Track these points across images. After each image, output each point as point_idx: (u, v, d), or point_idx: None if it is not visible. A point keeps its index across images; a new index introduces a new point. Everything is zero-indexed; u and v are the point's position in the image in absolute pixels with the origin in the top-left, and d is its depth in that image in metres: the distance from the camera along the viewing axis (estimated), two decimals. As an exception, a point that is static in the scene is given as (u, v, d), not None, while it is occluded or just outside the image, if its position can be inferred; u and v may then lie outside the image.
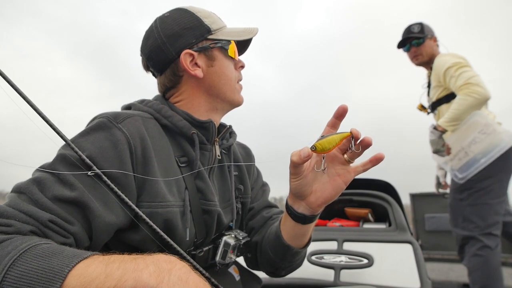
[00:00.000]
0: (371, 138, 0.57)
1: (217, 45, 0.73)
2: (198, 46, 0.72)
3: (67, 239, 0.49)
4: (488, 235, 1.68)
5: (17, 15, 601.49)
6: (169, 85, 0.75)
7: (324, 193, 0.62)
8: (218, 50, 0.74)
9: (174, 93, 0.76)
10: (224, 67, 0.75)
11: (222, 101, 0.76)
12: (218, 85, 0.74)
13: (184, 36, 0.71)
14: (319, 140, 0.55)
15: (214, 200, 0.71)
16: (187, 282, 0.36)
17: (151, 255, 0.41)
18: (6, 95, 0.48)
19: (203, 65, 0.73)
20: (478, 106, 1.68)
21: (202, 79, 0.73)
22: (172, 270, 0.37)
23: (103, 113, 0.62)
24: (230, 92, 0.76)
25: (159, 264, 0.37)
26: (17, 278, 0.37)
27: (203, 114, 0.75)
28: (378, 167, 0.61)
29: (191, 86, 0.74)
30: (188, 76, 0.73)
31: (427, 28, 1.95)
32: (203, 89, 0.74)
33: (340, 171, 0.62)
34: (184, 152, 0.70)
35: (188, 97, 0.74)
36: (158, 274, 0.36)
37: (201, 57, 0.73)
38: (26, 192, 0.49)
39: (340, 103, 0.59)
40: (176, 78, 0.74)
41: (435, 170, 2.23)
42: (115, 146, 0.57)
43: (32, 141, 11.91)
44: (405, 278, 1.16)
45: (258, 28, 0.80)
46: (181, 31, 0.71)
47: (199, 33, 0.72)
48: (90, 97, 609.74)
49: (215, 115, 0.77)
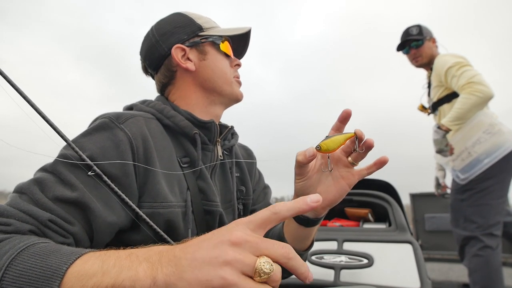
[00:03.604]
0: (373, 140, 0.57)
1: (208, 39, 0.75)
2: (190, 41, 0.75)
3: (67, 239, 0.49)
4: (489, 235, 1.68)
5: (26, 23, 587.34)
6: (164, 81, 0.77)
7: (328, 195, 0.62)
8: (210, 45, 0.76)
9: (171, 89, 0.77)
10: (217, 61, 0.76)
11: (219, 95, 0.77)
12: (212, 78, 0.75)
13: (176, 33, 0.75)
14: (324, 140, 0.56)
15: (216, 201, 0.70)
16: (180, 259, 0.36)
17: (143, 249, 0.40)
18: (7, 95, 0.48)
19: (195, 59, 0.75)
20: (481, 105, 1.68)
21: (196, 73, 0.75)
22: (162, 258, 0.37)
23: (105, 114, 0.62)
24: (226, 85, 0.76)
25: (150, 258, 0.37)
26: (16, 277, 0.37)
27: (203, 110, 0.75)
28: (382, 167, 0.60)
29: (186, 81, 0.75)
30: (181, 71, 0.75)
31: (426, 30, 1.95)
32: (198, 83, 0.75)
33: (344, 174, 0.62)
34: (186, 153, 0.70)
35: (185, 92, 0.75)
36: (152, 268, 0.36)
37: (192, 52, 0.75)
38: (27, 192, 0.49)
39: (340, 105, 0.60)
40: (170, 73, 0.76)
41: (434, 171, 2.23)
42: (117, 146, 0.57)
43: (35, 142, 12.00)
44: (405, 278, 1.16)
45: (252, 27, 0.81)
46: (173, 29, 0.75)
47: (190, 30, 0.75)
48: (96, 99, 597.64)
49: (215, 110, 0.78)
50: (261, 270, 0.34)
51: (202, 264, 0.34)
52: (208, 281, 0.33)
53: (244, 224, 0.37)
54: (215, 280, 0.33)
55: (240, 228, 0.36)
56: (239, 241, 0.35)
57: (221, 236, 0.36)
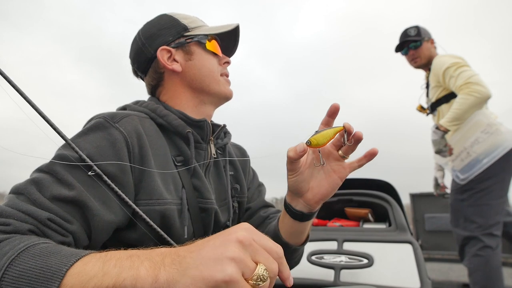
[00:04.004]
0: (361, 132, 0.58)
1: (193, 39, 0.75)
2: (175, 42, 0.75)
3: (66, 238, 0.50)
4: (489, 235, 1.68)
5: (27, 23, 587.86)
6: (153, 83, 0.78)
7: (321, 189, 0.63)
8: (196, 45, 0.76)
9: (162, 91, 0.78)
10: (204, 60, 0.76)
11: (207, 94, 0.77)
12: (199, 78, 0.75)
13: (161, 35, 0.75)
14: (314, 135, 0.56)
15: (210, 198, 0.71)
16: (184, 257, 0.36)
17: (145, 250, 0.41)
18: (6, 94, 0.48)
19: (181, 60, 0.75)
20: (479, 105, 1.68)
21: (182, 74, 0.75)
22: (164, 259, 0.37)
23: (100, 114, 0.63)
24: (214, 84, 0.76)
25: (152, 259, 0.38)
26: (16, 278, 0.37)
27: (193, 110, 0.76)
28: (378, 167, 0.62)
29: (174, 83, 0.76)
30: (169, 72, 0.76)
31: (424, 31, 1.96)
32: (185, 84, 0.76)
33: (335, 167, 0.63)
34: (180, 151, 0.71)
35: (174, 93, 0.76)
36: (154, 267, 0.36)
37: (178, 53, 0.76)
38: (25, 193, 0.49)
39: (340, 105, 0.60)
40: (158, 75, 0.77)
41: (433, 171, 2.23)
42: (112, 145, 0.58)
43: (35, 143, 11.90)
44: (405, 278, 1.16)
45: (239, 23, 0.80)
46: (158, 31, 0.75)
47: (175, 31, 0.76)
48: (96, 100, 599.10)
49: (205, 110, 0.78)
50: (262, 276, 0.35)
51: (207, 261, 0.35)
52: (212, 276, 0.33)
53: (248, 227, 0.39)
54: (218, 275, 0.33)
55: (245, 230, 0.38)
56: (245, 240, 0.36)
57: (227, 235, 0.37)
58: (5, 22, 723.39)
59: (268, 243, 0.39)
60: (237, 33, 0.83)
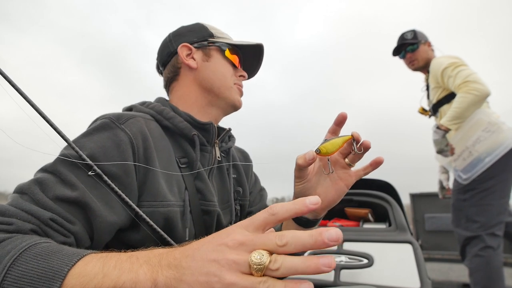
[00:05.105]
0: (369, 142, 0.59)
1: (214, 44, 0.79)
2: (198, 43, 0.79)
3: (68, 238, 0.50)
4: (491, 235, 1.68)
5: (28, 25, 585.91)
6: (169, 75, 0.81)
7: (327, 196, 0.63)
8: (216, 50, 0.79)
9: (175, 86, 0.80)
10: (219, 65, 0.78)
11: (216, 96, 0.78)
12: (211, 79, 0.77)
13: (187, 35, 0.80)
14: (323, 144, 0.57)
15: (213, 201, 0.71)
16: (180, 261, 0.36)
17: (144, 251, 0.41)
18: (8, 96, 0.49)
19: (198, 59, 0.78)
20: (479, 103, 1.69)
21: (197, 72, 0.77)
22: (161, 261, 0.37)
23: (105, 114, 0.63)
24: (224, 89, 0.78)
25: (150, 261, 0.38)
26: (18, 277, 0.37)
27: (201, 110, 0.77)
28: (378, 167, 0.63)
29: (188, 79, 0.78)
30: (185, 68, 0.78)
31: (420, 34, 1.99)
32: (197, 82, 0.78)
33: (342, 175, 0.63)
34: (185, 153, 0.71)
35: (185, 90, 0.78)
36: (152, 270, 0.37)
37: (198, 53, 0.79)
38: (28, 192, 0.50)
39: (340, 106, 0.61)
40: (175, 69, 0.79)
41: (436, 172, 2.21)
42: (117, 146, 0.58)
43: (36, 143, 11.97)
44: (405, 278, 1.16)
45: (263, 44, 0.83)
46: (186, 32, 0.81)
47: (201, 35, 0.80)
48: (97, 101, 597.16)
49: (212, 112, 0.79)
50: (253, 262, 0.34)
51: (201, 267, 0.34)
52: (208, 283, 0.33)
53: (243, 227, 0.37)
54: (214, 282, 0.33)
55: (239, 231, 0.36)
56: (236, 244, 0.35)
57: (220, 240, 0.36)
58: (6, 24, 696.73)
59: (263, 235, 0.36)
60: (261, 54, 0.85)
